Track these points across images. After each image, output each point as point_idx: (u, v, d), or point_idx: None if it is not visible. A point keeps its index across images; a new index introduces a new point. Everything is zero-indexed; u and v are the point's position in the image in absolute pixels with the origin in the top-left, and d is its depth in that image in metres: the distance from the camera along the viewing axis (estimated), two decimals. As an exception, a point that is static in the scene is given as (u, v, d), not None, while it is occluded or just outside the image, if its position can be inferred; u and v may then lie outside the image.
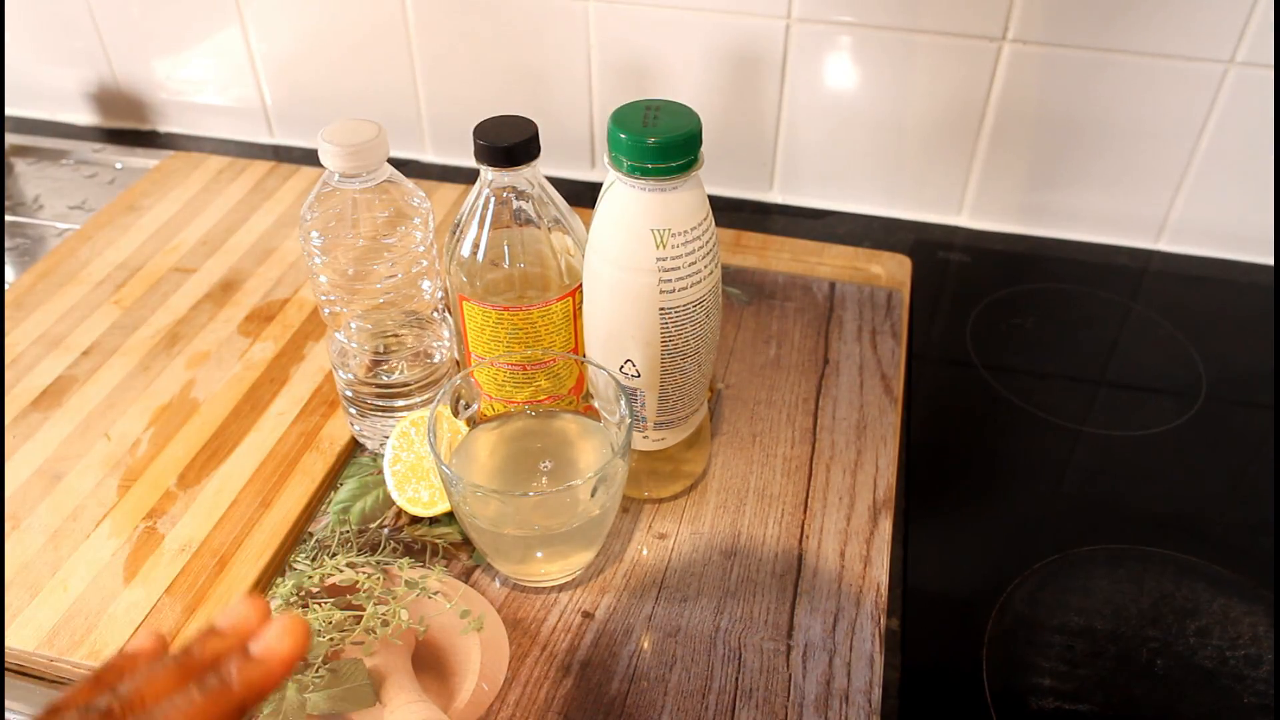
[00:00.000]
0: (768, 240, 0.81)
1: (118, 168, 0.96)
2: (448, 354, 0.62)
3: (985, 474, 0.65)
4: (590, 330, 0.53)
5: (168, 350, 0.70)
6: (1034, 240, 0.86)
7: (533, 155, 0.52)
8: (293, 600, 0.53)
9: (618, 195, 0.48)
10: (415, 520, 0.58)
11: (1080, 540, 0.60)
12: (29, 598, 0.53)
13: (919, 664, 0.53)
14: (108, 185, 0.95)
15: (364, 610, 0.53)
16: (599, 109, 0.88)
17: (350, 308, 0.57)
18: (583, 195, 0.62)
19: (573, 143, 0.91)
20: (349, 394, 0.61)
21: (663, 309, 0.49)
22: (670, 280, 0.48)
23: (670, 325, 0.50)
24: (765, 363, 0.69)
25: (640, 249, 0.47)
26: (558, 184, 0.56)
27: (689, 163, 0.46)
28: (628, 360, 0.52)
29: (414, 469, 0.58)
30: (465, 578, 0.55)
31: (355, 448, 0.63)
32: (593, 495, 0.50)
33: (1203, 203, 0.82)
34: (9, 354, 0.69)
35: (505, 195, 0.53)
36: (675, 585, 0.54)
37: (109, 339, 0.71)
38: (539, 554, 0.52)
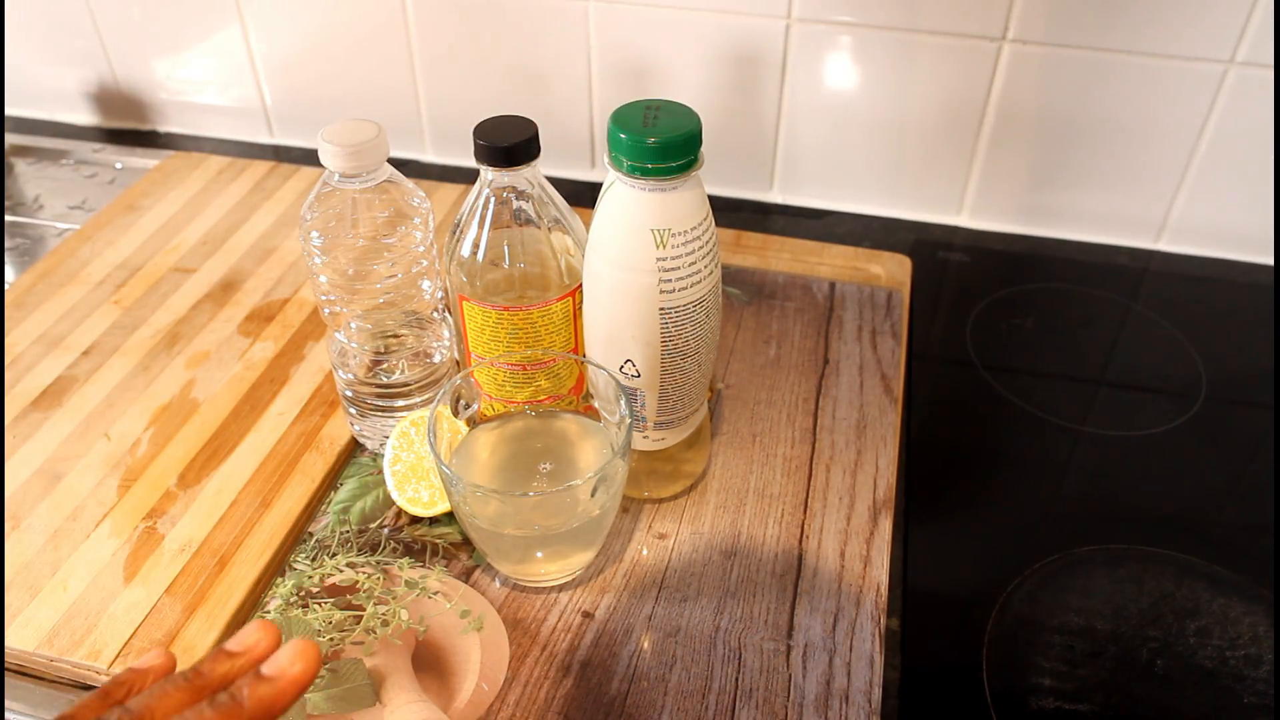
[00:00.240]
0: (768, 240, 0.81)
1: (118, 168, 0.96)
2: (448, 354, 0.62)
3: (985, 474, 0.65)
4: (590, 330, 0.53)
5: (168, 350, 0.70)
6: (1034, 240, 0.86)
7: (533, 155, 0.52)
8: (293, 600, 0.53)
9: (618, 195, 0.48)
10: (415, 520, 0.58)
11: (1080, 540, 0.60)
12: (29, 598, 0.53)
13: (919, 664, 0.53)
14: (108, 185, 0.95)
15: (364, 610, 0.53)
16: (599, 109, 0.88)
17: (350, 308, 0.57)
18: (583, 195, 0.62)
19: (573, 143, 0.91)
20: (349, 394, 0.61)
21: (663, 309, 0.49)
22: (670, 280, 0.48)
23: (670, 325, 0.50)
24: (765, 363, 0.69)
25: (640, 249, 0.47)
26: (558, 184, 0.56)
27: (689, 163, 0.46)
28: (628, 360, 0.52)
29: (414, 469, 0.58)
30: (465, 578, 0.55)
31: (355, 448, 0.63)
32: (593, 495, 0.50)
33: (1203, 203, 0.82)
34: (9, 354, 0.69)
35: (505, 195, 0.53)
36: (675, 585, 0.54)
37: (109, 339, 0.71)
38: (539, 554, 0.52)
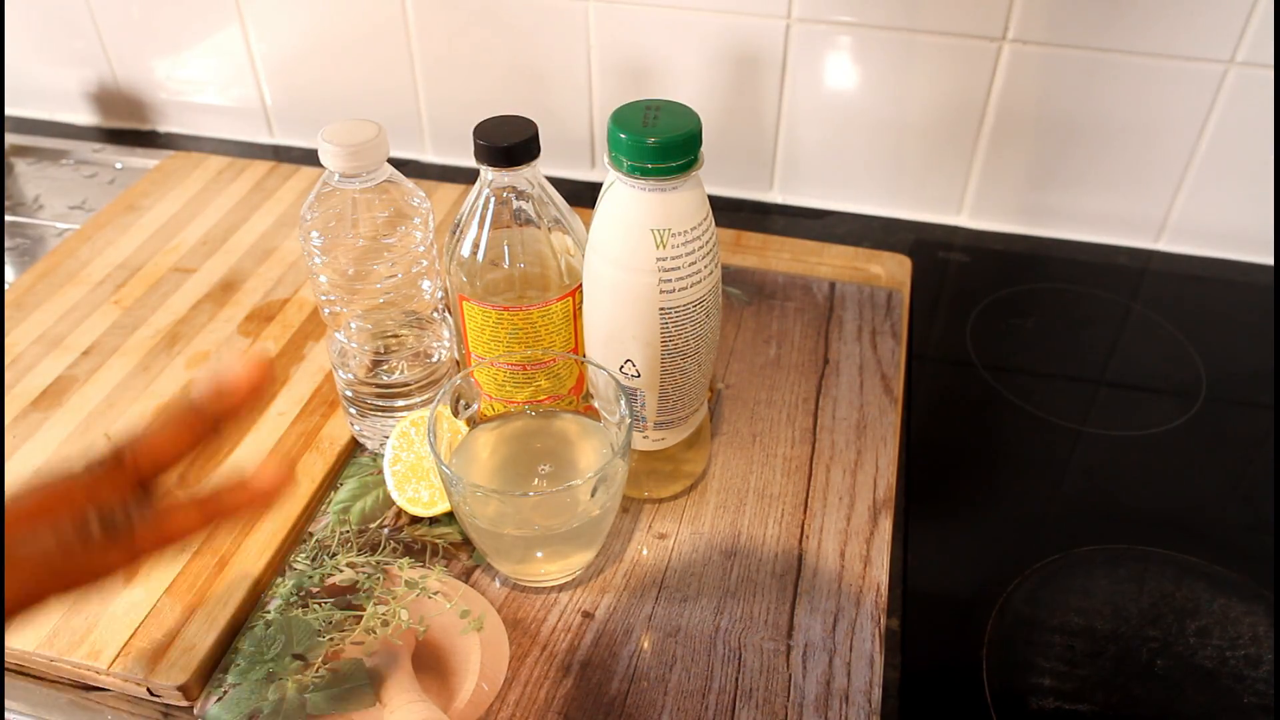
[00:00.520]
0: (768, 240, 0.81)
1: (118, 168, 0.96)
2: (448, 354, 0.62)
3: (985, 474, 0.65)
4: (590, 330, 0.53)
5: (168, 350, 0.70)
6: (1034, 240, 0.86)
7: (533, 155, 0.52)
8: (293, 600, 0.53)
9: (618, 195, 0.48)
10: (415, 520, 0.58)
11: (1080, 540, 0.60)
12: (29, 598, 0.53)
13: (919, 664, 0.53)
14: (108, 185, 0.95)
15: (364, 610, 0.53)
16: (599, 109, 0.88)
17: (350, 308, 0.57)
18: (583, 195, 0.62)
19: (573, 143, 0.91)
20: (349, 394, 0.61)
21: (663, 309, 0.49)
22: (670, 280, 0.48)
23: (670, 325, 0.50)
24: (765, 363, 0.69)
25: (640, 249, 0.47)
26: (558, 184, 0.56)
27: (689, 163, 0.46)
28: (628, 360, 0.52)
29: (414, 469, 0.58)
30: (465, 578, 0.55)
31: (355, 448, 0.63)
32: (593, 495, 0.50)
33: (1203, 203, 0.82)
34: (9, 354, 0.69)
35: (505, 195, 0.53)
36: (675, 585, 0.54)
37: (109, 339, 0.71)
38: (539, 554, 0.52)
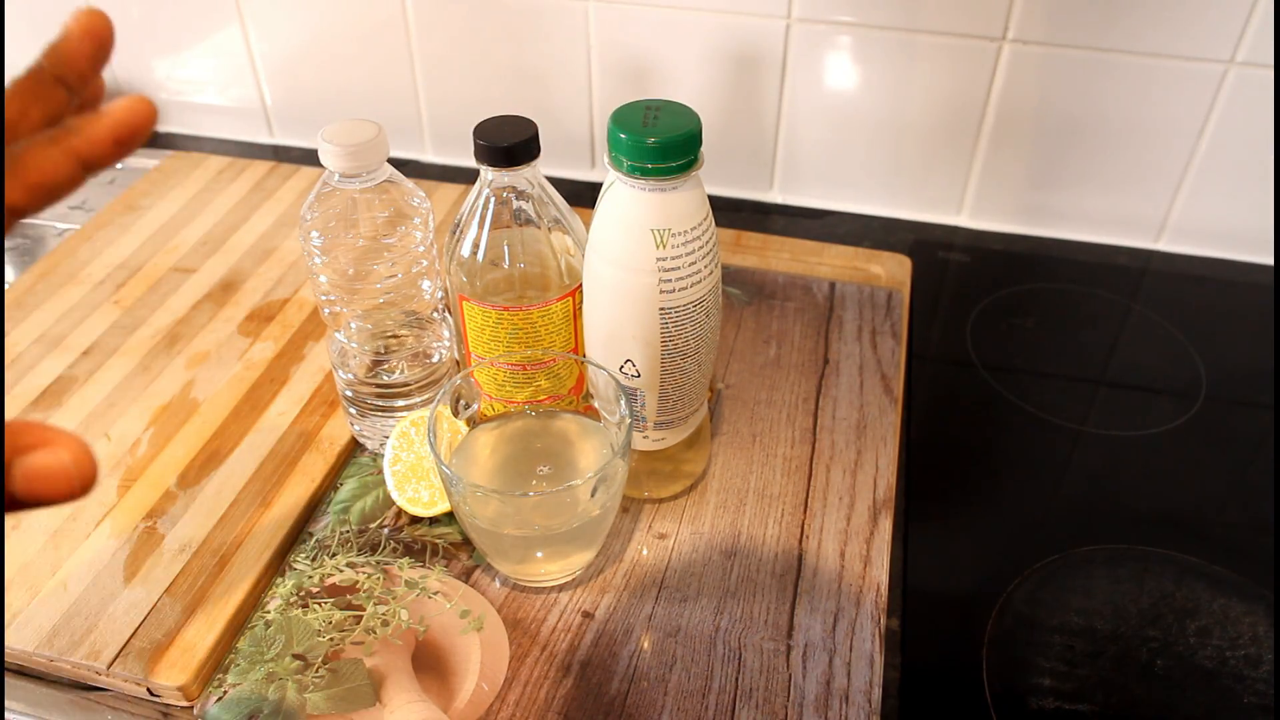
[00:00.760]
0: (768, 240, 0.81)
1: (118, 168, 0.96)
2: (448, 354, 0.62)
3: (985, 474, 0.65)
4: (590, 330, 0.53)
5: (168, 350, 0.70)
6: (1034, 240, 0.86)
7: (533, 155, 0.52)
8: (293, 600, 0.53)
9: (618, 195, 0.48)
10: (415, 520, 0.58)
11: (1080, 540, 0.60)
12: (29, 598, 0.53)
13: (919, 664, 0.53)
14: (108, 185, 0.95)
15: (364, 610, 0.53)
16: (599, 109, 0.88)
17: (350, 308, 0.57)
18: (583, 195, 0.62)
19: (573, 143, 0.91)
20: (349, 394, 0.61)
21: (663, 309, 0.49)
22: (670, 280, 0.48)
23: (670, 325, 0.50)
24: (765, 363, 0.69)
25: (640, 249, 0.47)
26: (558, 184, 0.56)
27: (689, 163, 0.46)
28: (628, 360, 0.52)
29: (414, 469, 0.58)
30: (465, 578, 0.55)
31: (355, 448, 0.63)
32: (593, 495, 0.50)
33: (1203, 203, 0.82)
34: (9, 354, 0.69)
35: (505, 195, 0.53)
36: (675, 585, 0.54)
37: (109, 339, 0.71)
38: (539, 554, 0.52)
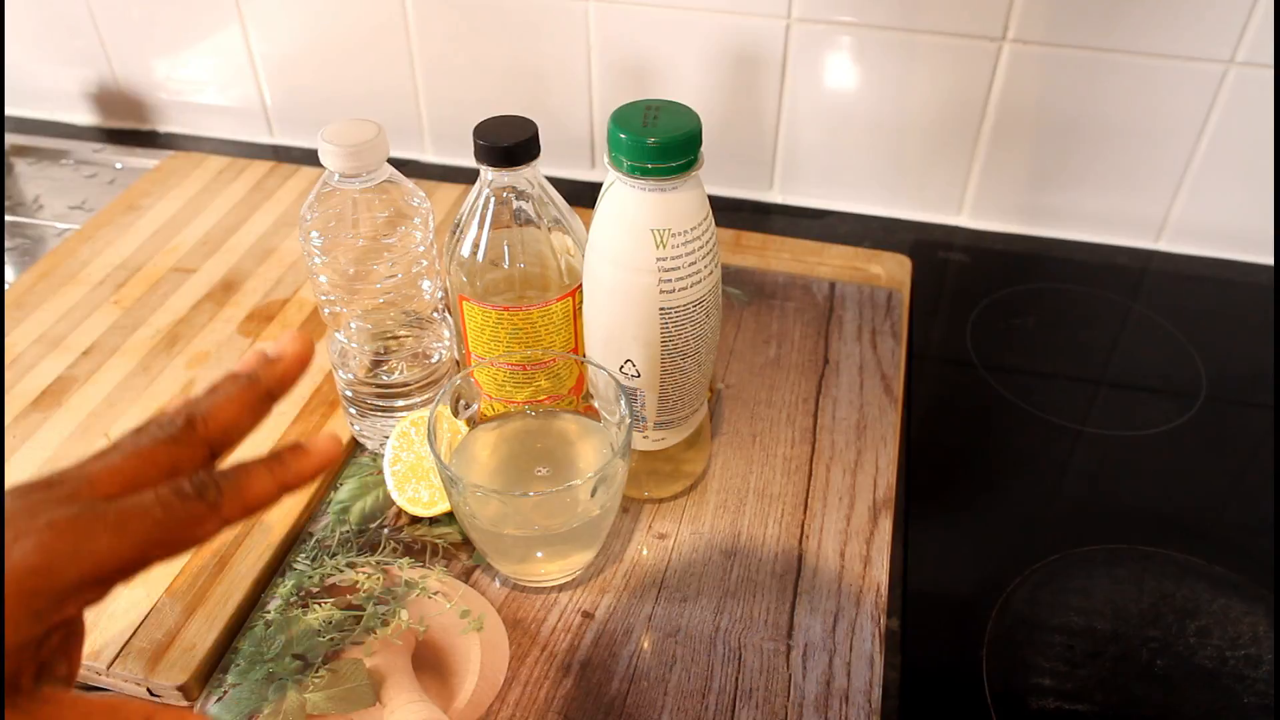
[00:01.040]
0: (768, 240, 0.81)
1: (118, 168, 0.96)
2: (448, 354, 0.62)
3: (985, 474, 0.65)
4: (590, 330, 0.53)
5: (168, 350, 0.70)
6: (1034, 240, 0.86)
7: (533, 155, 0.52)
8: (293, 600, 0.53)
9: (618, 195, 0.48)
10: (415, 520, 0.58)
11: (1080, 540, 0.60)
12: (29, 598, 0.53)
13: (919, 664, 0.53)
14: (108, 185, 0.95)
15: (364, 610, 0.53)
16: (599, 109, 0.88)
17: (350, 308, 0.57)
18: (583, 195, 0.62)
19: (573, 143, 0.91)
20: (349, 394, 0.61)
21: (663, 309, 0.49)
22: (670, 280, 0.48)
23: (670, 325, 0.50)
24: (765, 363, 0.69)
25: (640, 249, 0.47)
26: (558, 184, 0.56)
27: (689, 163, 0.46)
28: (628, 360, 0.52)
29: (414, 469, 0.58)
30: (465, 578, 0.55)
31: (355, 448, 0.63)
32: (593, 495, 0.50)
33: (1203, 203, 0.82)
34: (9, 354, 0.69)
35: (505, 195, 0.53)
36: (675, 585, 0.54)
37: (109, 339, 0.71)
38: (539, 554, 0.52)
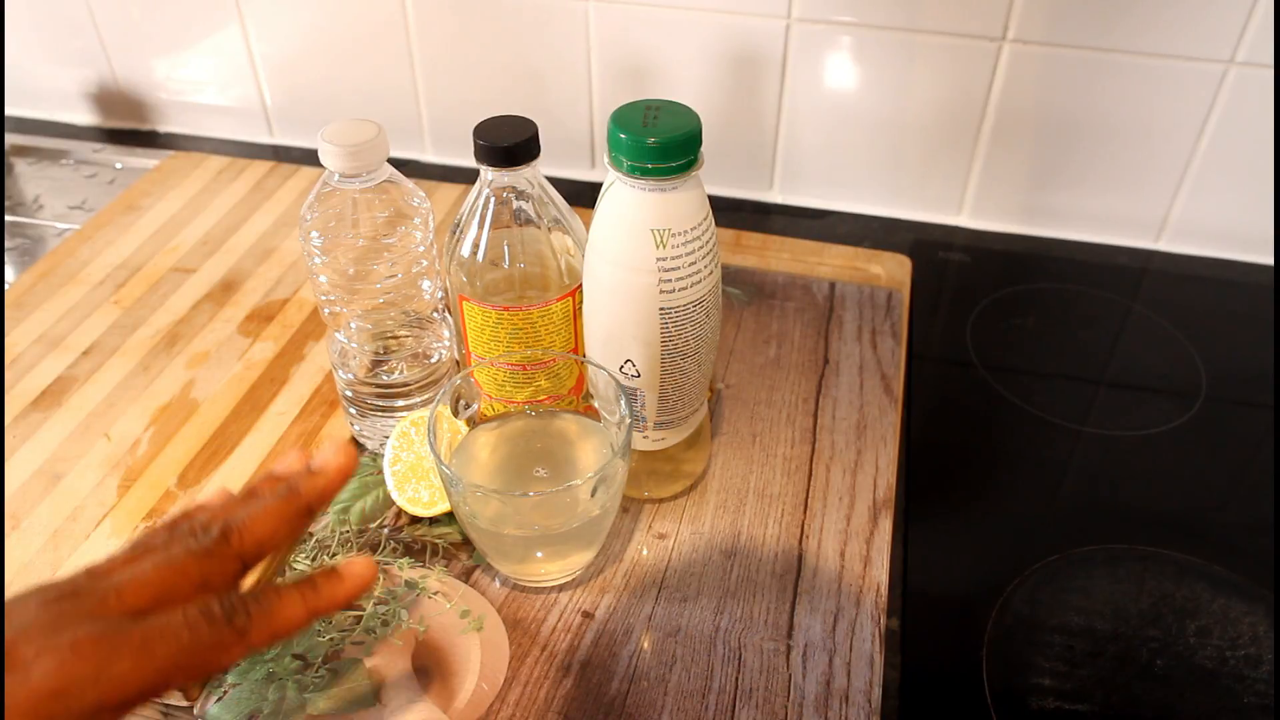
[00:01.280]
0: (768, 240, 0.81)
1: (118, 168, 0.96)
2: (448, 354, 0.62)
3: (985, 474, 0.65)
4: (590, 330, 0.53)
5: (168, 350, 0.70)
6: (1034, 240, 0.86)
7: (533, 155, 0.52)
8: (293, 600, 0.53)
9: (618, 195, 0.48)
10: (415, 520, 0.58)
11: (1080, 540, 0.60)
12: (29, 598, 0.53)
13: (919, 664, 0.53)
14: (108, 185, 0.95)
15: (364, 610, 0.53)
16: (599, 109, 0.88)
17: (350, 308, 0.57)
18: (583, 195, 0.62)
19: (573, 143, 0.91)
20: (349, 394, 0.61)
21: (663, 309, 0.49)
22: (670, 280, 0.48)
23: (670, 325, 0.50)
24: (765, 363, 0.69)
25: (640, 249, 0.47)
26: (558, 184, 0.56)
27: (689, 163, 0.46)
28: (628, 360, 0.52)
29: (414, 469, 0.58)
30: (465, 578, 0.55)
31: (355, 448, 0.63)
32: (593, 495, 0.50)
33: (1203, 203, 0.82)
34: (9, 354, 0.69)
35: (505, 195, 0.53)
36: (675, 585, 0.54)
37: (109, 339, 0.71)
38: (539, 554, 0.52)
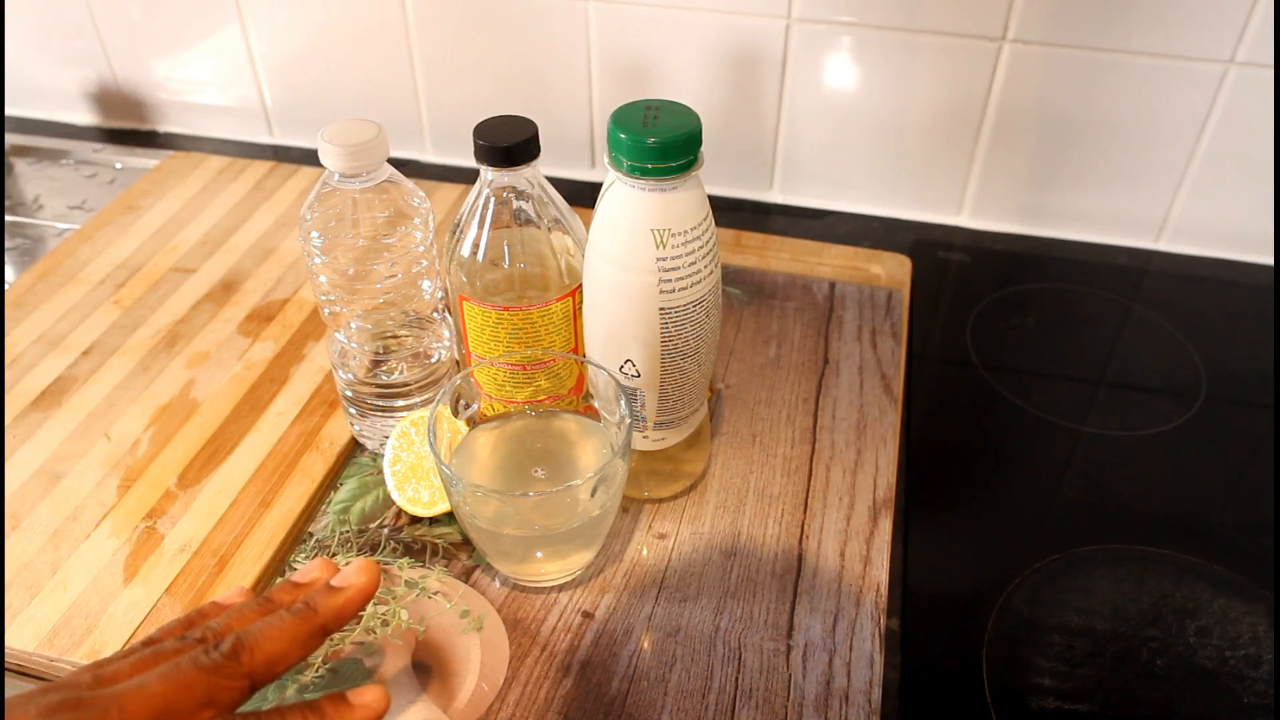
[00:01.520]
0: (768, 240, 0.81)
1: (118, 168, 0.96)
2: (448, 354, 0.62)
3: (985, 474, 0.65)
4: (590, 330, 0.53)
5: (168, 350, 0.70)
6: (1034, 240, 0.86)
7: (533, 155, 0.52)
8: (293, 600, 0.53)
9: (618, 195, 0.48)
10: (415, 520, 0.58)
11: (1080, 540, 0.60)
12: (29, 598, 0.53)
13: (919, 664, 0.53)
14: (108, 185, 0.95)
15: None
16: (599, 109, 0.88)
17: (350, 308, 0.57)
18: (583, 195, 0.62)
19: (573, 143, 0.91)
20: (349, 394, 0.61)
21: (663, 309, 0.49)
22: (670, 280, 0.48)
23: (670, 325, 0.50)
24: (765, 363, 0.69)
25: (640, 249, 0.47)
26: (558, 184, 0.56)
27: (689, 163, 0.46)
28: (628, 360, 0.52)
29: (414, 469, 0.58)
30: (465, 578, 0.55)
31: (355, 448, 0.63)
32: (593, 495, 0.50)
33: (1203, 203, 0.82)
34: (9, 354, 0.69)
35: (505, 195, 0.53)
36: (675, 585, 0.54)
37: (109, 339, 0.71)
38: (539, 554, 0.52)
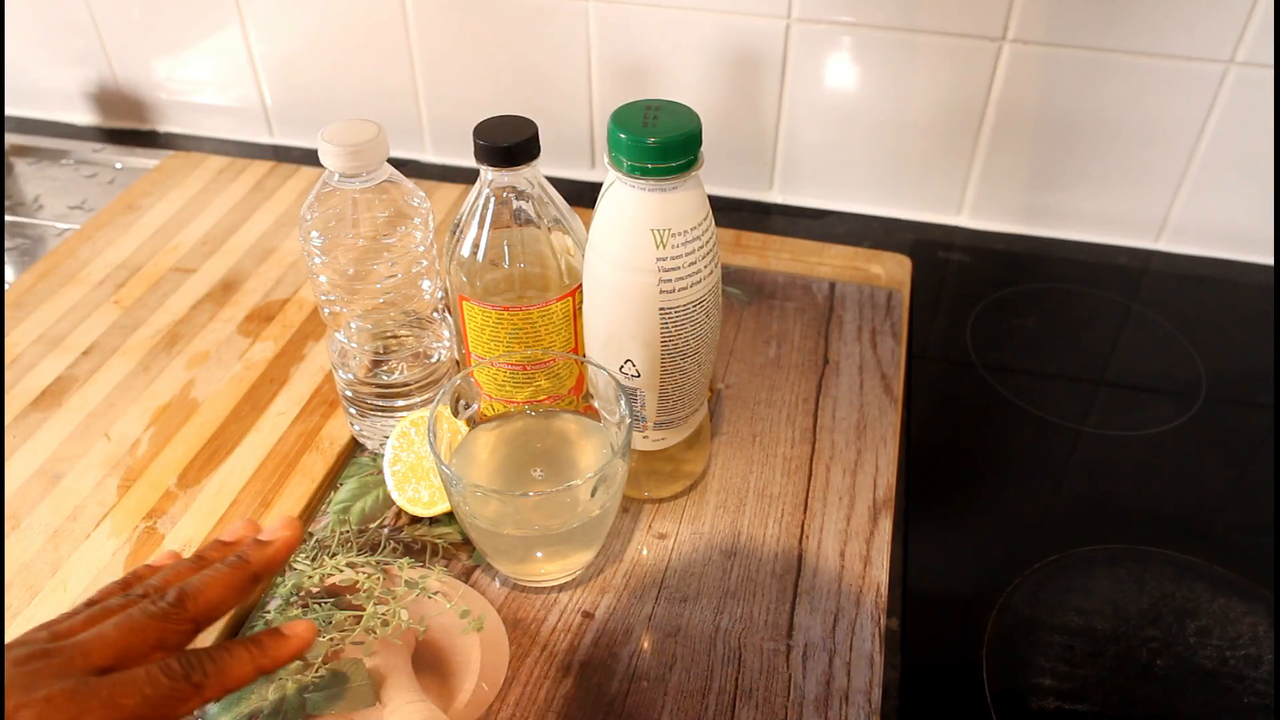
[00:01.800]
0: (768, 240, 0.81)
1: (118, 168, 0.96)
2: (448, 354, 0.62)
3: (985, 474, 0.65)
4: (590, 330, 0.53)
5: (168, 350, 0.70)
6: (1034, 240, 0.86)
7: (533, 155, 0.52)
8: (292, 600, 0.53)
9: (618, 195, 0.48)
10: (415, 520, 0.58)
11: (1080, 540, 0.60)
12: (29, 598, 0.53)
13: (919, 664, 0.53)
14: (108, 185, 0.95)
15: (364, 610, 0.53)
16: (599, 109, 0.88)
17: (350, 308, 0.57)
18: (583, 195, 0.62)
19: (573, 143, 0.91)
20: (349, 394, 0.61)
21: (663, 309, 0.49)
22: (670, 280, 0.48)
23: (670, 325, 0.50)
24: (765, 363, 0.69)
25: (640, 249, 0.47)
26: (558, 184, 0.56)
27: (689, 163, 0.46)
28: (628, 360, 0.52)
29: (414, 469, 0.58)
30: (465, 578, 0.55)
31: (355, 448, 0.63)
32: (593, 495, 0.50)
33: (1203, 203, 0.82)
34: (9, 354, 0.69)
35: (505, 195, 0.53)
36: (675, 585, 0.54)
37: (109, 339, 0.71)
38: (539, 554, 0.52)
